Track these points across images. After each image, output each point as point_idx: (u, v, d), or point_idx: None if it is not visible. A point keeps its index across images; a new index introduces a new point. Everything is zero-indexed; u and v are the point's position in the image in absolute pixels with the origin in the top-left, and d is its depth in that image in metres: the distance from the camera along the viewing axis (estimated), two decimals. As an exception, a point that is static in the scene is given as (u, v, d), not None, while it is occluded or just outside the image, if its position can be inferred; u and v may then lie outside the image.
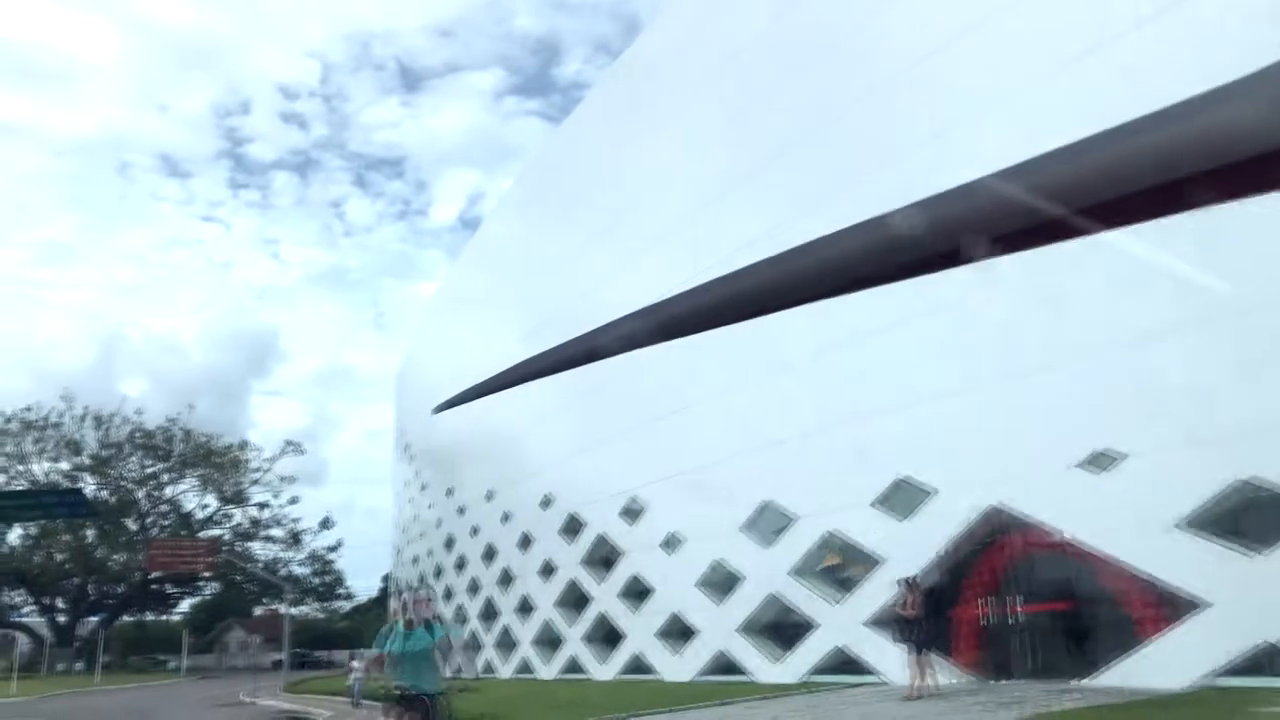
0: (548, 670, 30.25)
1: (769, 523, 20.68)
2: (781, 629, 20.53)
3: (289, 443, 69.61)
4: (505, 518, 35.22)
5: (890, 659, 16.82)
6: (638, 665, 25.17)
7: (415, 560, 48.59)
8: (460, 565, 40.12)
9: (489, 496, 37.30)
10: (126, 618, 78.79)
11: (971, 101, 16.10)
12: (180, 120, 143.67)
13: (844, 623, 18.13)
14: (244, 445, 68.63)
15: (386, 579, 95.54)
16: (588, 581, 28.40)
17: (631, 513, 26.44)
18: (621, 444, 27.02)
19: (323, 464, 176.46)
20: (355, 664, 28.94)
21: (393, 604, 44.85)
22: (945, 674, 15.40)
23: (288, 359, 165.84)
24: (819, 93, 19.99)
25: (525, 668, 31.86)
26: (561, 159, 34.74)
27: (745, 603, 21.00)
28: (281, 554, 69.87)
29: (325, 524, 70.31)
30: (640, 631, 25.17)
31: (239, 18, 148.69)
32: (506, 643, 34.03)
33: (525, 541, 33.23)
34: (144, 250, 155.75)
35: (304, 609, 75.90)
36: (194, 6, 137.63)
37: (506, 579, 34.66)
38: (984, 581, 15.75)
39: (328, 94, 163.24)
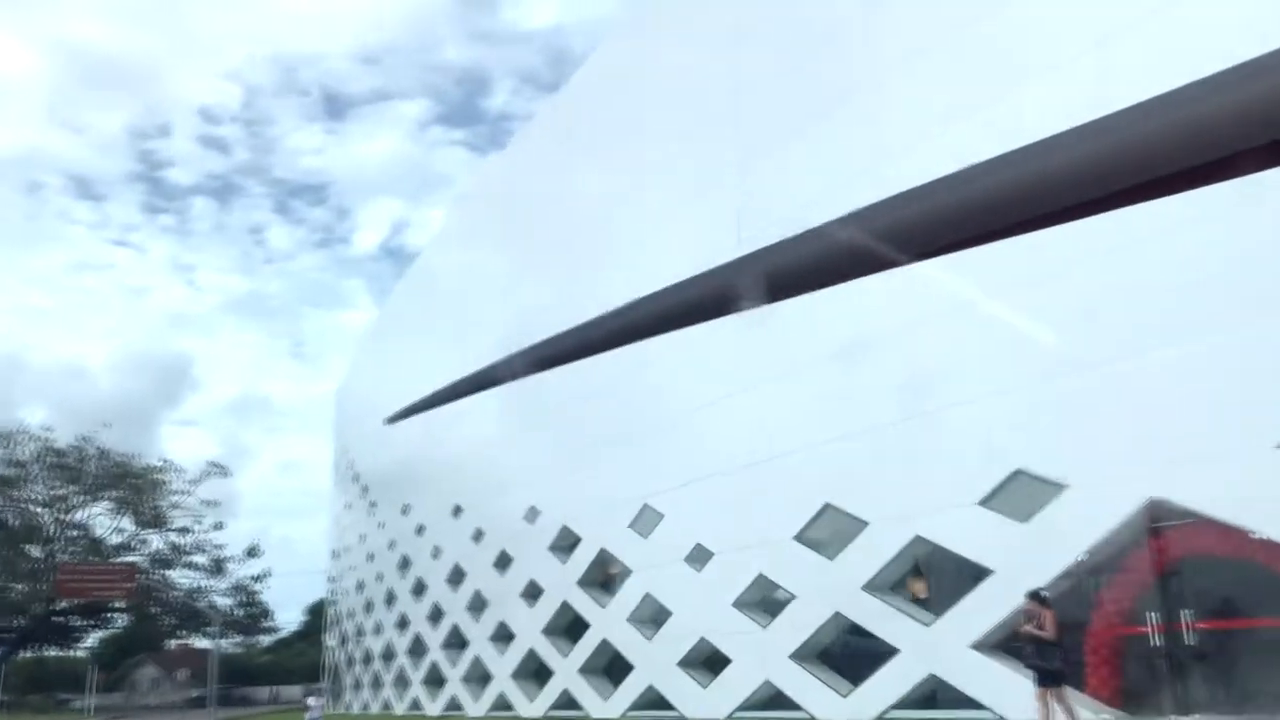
0: (533, 707, 26.94)
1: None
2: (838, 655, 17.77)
3: (213, 464, 64.16)
4: (478, 535, 31.80)
5: (993, 687, 14.16)
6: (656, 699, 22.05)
7: (360, 586, 44.45)
8: (419, 590, 36.31)
9: (456, 512, 33.73)
10: (26, 653, 71.63)
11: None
12: (95, 141, 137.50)
13: (931, 644, 15.33)
14: (165, 466, 62.96)
15: (314, 611, 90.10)
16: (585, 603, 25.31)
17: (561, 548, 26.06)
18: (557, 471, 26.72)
19: (235, 496, 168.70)
20: (312, 701, 25.88)
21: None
22: (1084, 709, 12.70)
23: (201, 387, 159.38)
24: (765, 119, 20.39)
25: (504, 704, 28.32)
26: (513, 178, 33.78)
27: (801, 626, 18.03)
28: (203, 583, 64.16)
29: (252, 552, 64.90)
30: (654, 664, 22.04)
31: (159, 38, 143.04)
32: (477, 675, 30.46)
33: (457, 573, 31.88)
34: (53, 273, 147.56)
35: (222, 643, 70.14)
36: (112, 25, 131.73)
37: (478, 604, 31.15)
38: (1134, 594, 13.12)
39: (250, 118, 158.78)
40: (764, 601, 19.17)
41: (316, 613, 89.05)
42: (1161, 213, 12.90)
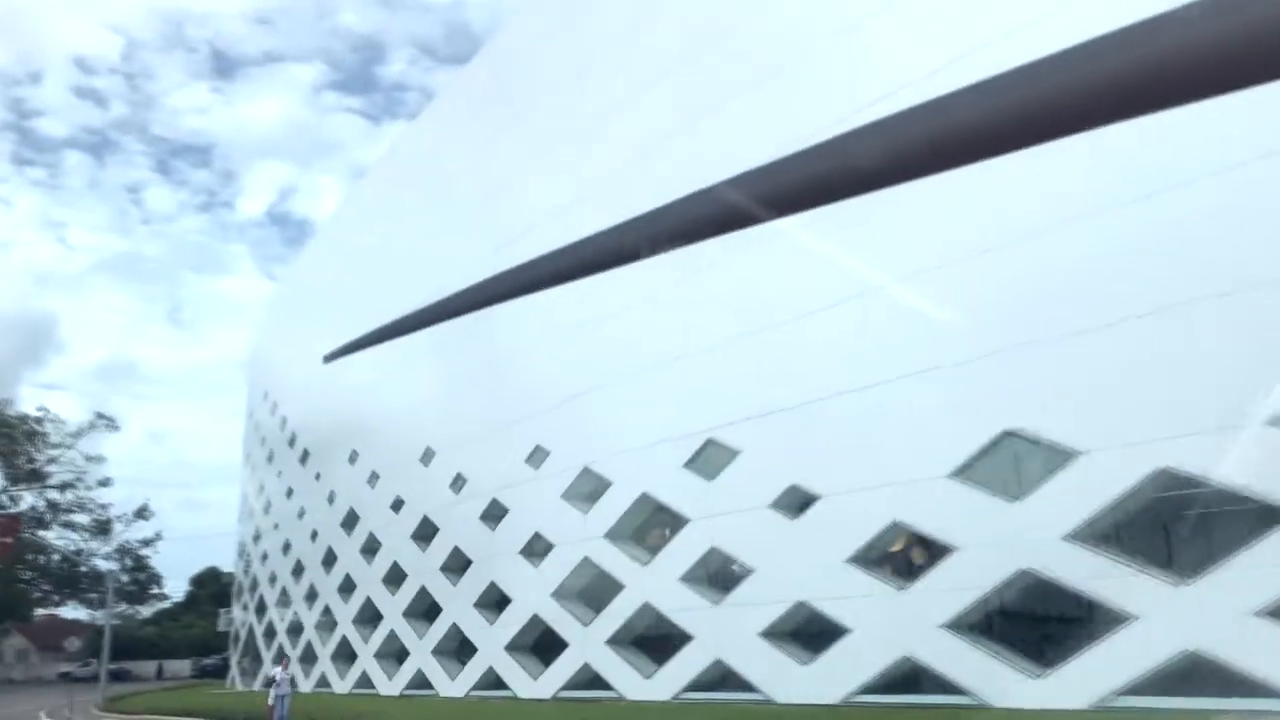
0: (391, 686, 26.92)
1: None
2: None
3: (100, 415, 59.47)
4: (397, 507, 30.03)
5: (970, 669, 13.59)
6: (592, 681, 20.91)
7: (265, 557, 41.90)
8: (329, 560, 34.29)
9: (373, 480, 31.90)
10: None
11: None
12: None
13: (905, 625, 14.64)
14: (43, 416, 58.14)
15: (198, 582, 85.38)
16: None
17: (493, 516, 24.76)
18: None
19: (100, 464, 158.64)
20: (279, 673, 21.33)
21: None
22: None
23: (67, 350, 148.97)
24: (676, 94, 20.21)
25: (421, 682, 26.78)
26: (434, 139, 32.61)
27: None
28: (85, 545, 59.34)
29: (141, 513, 60.07)
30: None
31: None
32: (392, 651, 28.79)
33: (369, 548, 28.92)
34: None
35: (96, 613, 64.52)
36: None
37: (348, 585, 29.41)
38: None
39: (131, 72, 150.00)
40: (717, 576, 18.25)
41: (201, 583, 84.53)
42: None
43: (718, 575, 18.48)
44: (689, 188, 19.07)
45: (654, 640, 19.46)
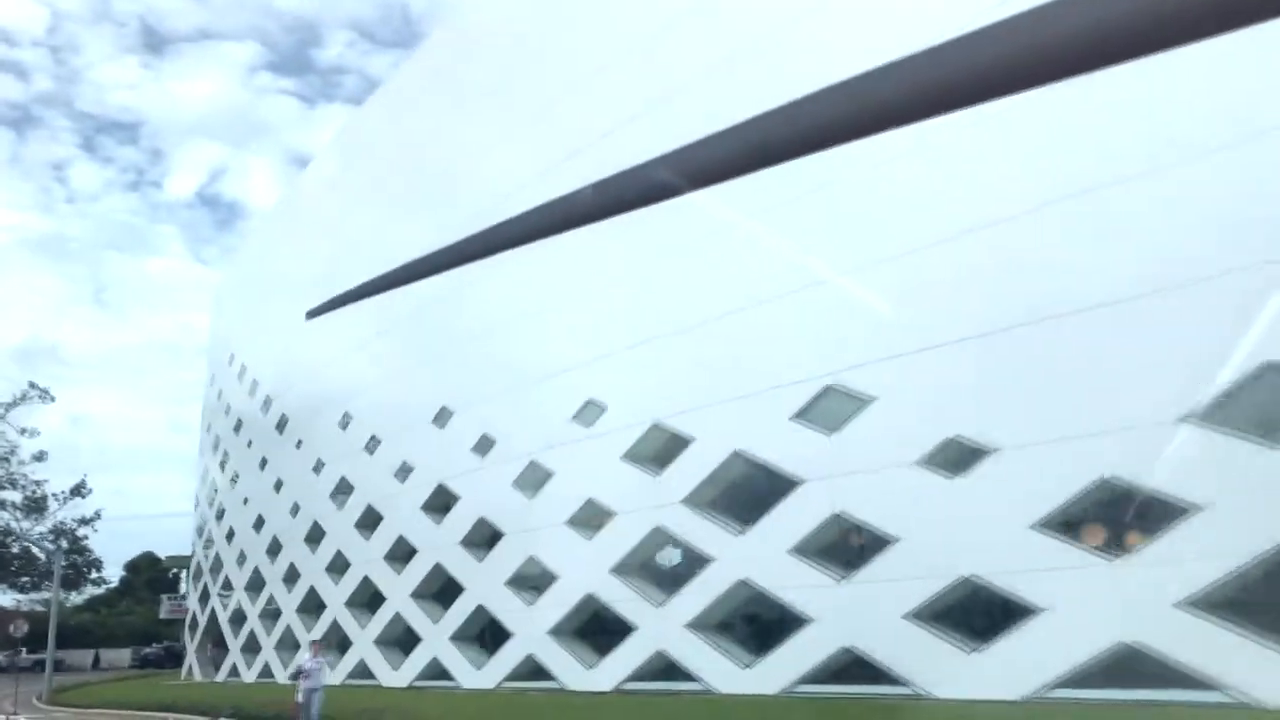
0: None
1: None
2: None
3: (33, 386, 55.68)
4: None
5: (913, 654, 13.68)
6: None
7: (231, 536, 38.76)
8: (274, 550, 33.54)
9: (319, 467, 31.30)
10: None
11: None
12: None
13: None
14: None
15: (133, 568, 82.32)
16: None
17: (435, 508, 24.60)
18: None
19: (12, 448, 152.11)
20: (309, 661, 15.87)
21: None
22: None
23: None
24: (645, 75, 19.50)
25: (364, 672, 26.34)
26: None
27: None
28: (16, 524, 55.65)
29: (79, 490, 55.89)
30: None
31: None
32: (335, 641, 28.30)
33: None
34: None
35: (27, 597, 61.36)
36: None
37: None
38: None
39: (56, 45, 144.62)
40: (656, 567, 18.25)
41: (136, 569, 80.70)
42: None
43: (653, 564, 18.60)
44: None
45: (597, 629, 19.37)
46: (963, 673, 13.04)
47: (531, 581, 21.13)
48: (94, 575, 59.71)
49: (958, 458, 13.61)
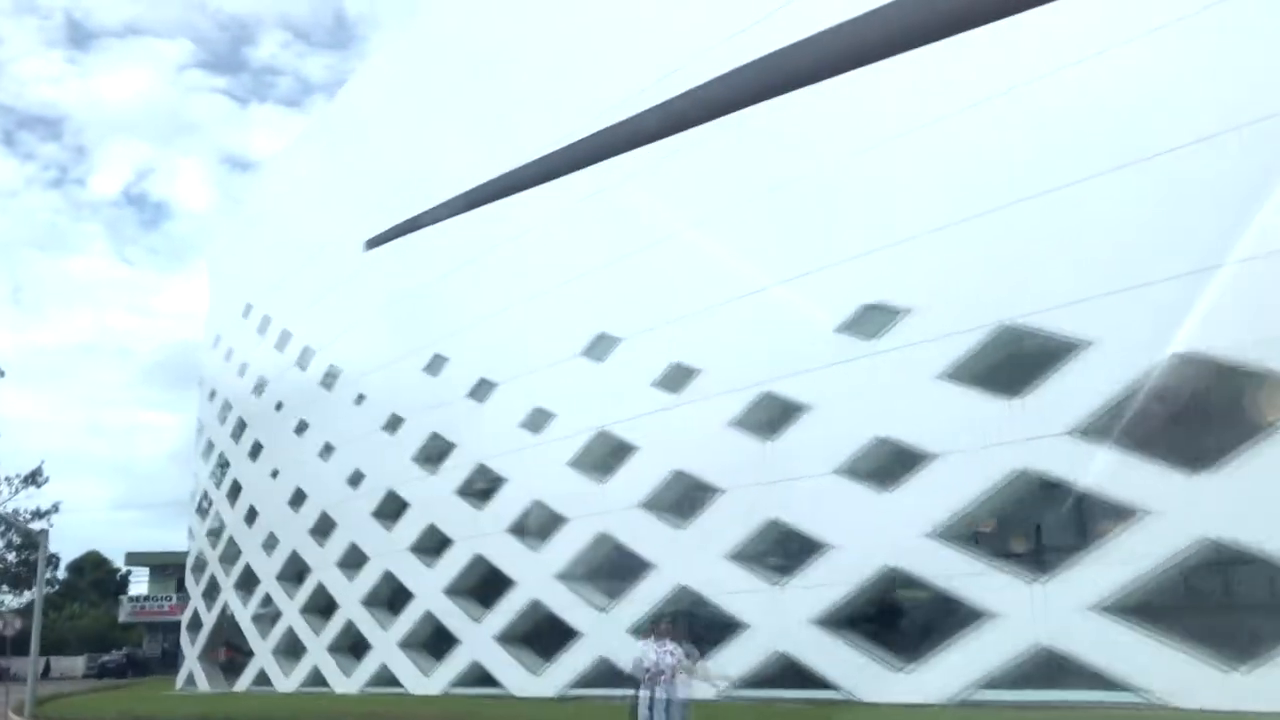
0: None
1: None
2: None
3: None
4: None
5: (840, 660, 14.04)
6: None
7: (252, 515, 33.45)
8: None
9: (275, 475, 31.07)
10: None
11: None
12: None
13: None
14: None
15: (75, 569, 76.95)
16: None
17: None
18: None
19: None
20: (656, 652, 9.15)
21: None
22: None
23: None
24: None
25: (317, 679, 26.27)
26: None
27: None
28: None
29: (34, 478, 48.36)
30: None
31: None
32: (287, 647, 28.24)
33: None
34: None
35: None
36: None
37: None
38: None
39: None
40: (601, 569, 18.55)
41: (79, 570, 75.75)
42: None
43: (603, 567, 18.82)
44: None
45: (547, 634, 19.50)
46: (888, 677, 13.37)
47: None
48: (48, 574, 54.88)
49: (888, 464, 13.98)
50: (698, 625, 16.50)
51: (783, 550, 15.67)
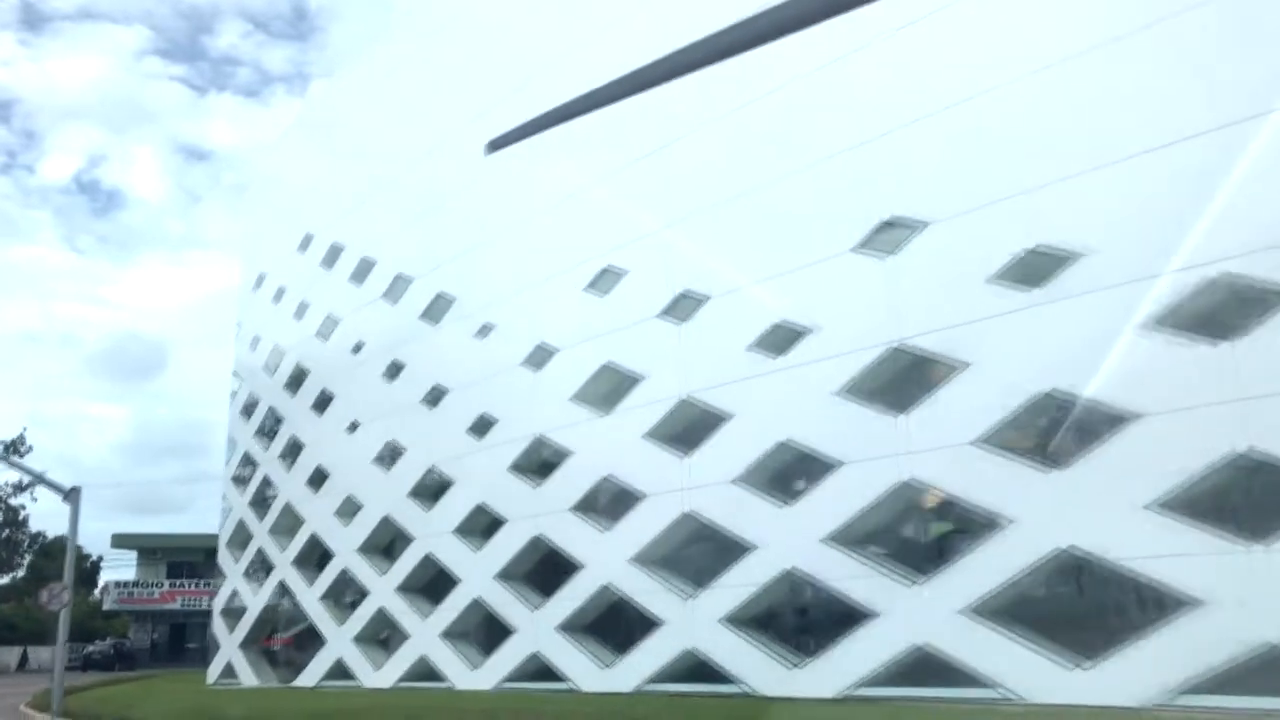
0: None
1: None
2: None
3: None
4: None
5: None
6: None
7: (265, 499, 30.31)
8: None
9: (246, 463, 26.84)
10: None
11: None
12: None
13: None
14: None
15: (45, 553, 72.29)
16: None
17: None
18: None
19: None
20: None
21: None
22: None
23: None
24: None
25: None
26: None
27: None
28: None
29: (15, 446, 46.75)
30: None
31: None
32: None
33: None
34: None
35: None
36: None
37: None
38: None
39: None
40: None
41: (48, 554, 71.96)
42: None
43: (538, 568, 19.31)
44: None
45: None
46: (786, 673, 14.12)
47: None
48: (28, 554, 51.25)
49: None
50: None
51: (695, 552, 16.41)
